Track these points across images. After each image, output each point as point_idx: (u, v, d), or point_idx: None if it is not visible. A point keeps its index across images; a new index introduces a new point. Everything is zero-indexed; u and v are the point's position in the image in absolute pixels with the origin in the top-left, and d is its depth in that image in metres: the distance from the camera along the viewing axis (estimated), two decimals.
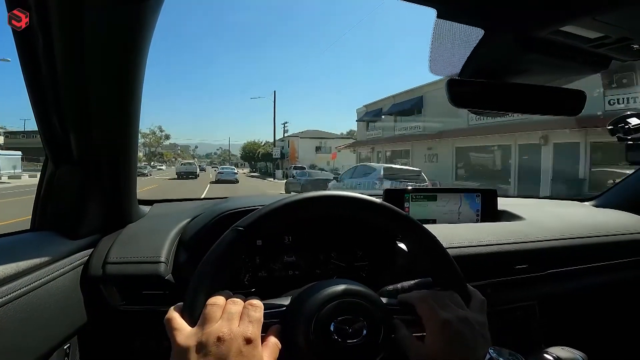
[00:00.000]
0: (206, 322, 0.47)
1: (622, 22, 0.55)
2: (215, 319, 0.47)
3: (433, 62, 0.70)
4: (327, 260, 0.99)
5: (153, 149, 68.97)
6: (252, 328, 0.47)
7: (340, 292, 0.54)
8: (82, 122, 0.78)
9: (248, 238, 0.52)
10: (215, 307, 0.48)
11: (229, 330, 0.46)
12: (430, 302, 0.56)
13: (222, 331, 0.45)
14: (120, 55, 0.73)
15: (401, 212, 0.60)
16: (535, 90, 0.72)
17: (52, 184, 0.83)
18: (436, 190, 1.28)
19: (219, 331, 0.45)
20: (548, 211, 1.35)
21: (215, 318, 0.47)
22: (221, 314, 0.48)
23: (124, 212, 0.96)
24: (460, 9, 0.60)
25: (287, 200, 0.56)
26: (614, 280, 1.19)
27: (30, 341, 0.63)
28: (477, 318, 0.56)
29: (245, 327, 0.47)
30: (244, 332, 0.46)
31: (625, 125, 1.29)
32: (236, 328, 0.46)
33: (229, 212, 0.91)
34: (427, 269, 0.61)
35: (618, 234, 1.21)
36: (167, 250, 0.86)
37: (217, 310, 0.48)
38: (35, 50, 0.69)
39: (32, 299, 0.64)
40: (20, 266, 0.63)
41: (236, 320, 0.47)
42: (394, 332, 0.55)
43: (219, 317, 0.47)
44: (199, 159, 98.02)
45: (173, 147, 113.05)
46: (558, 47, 0.62)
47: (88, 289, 0.79)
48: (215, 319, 0.47)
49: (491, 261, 1.00)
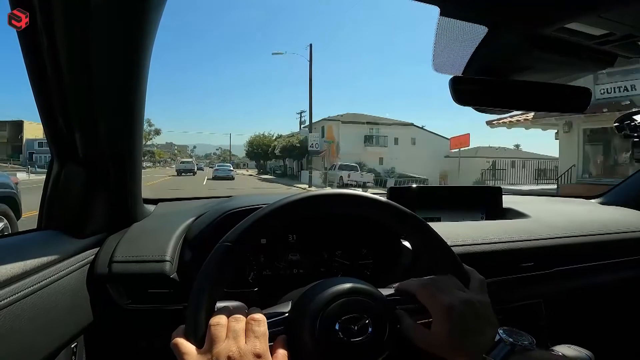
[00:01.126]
0: (213, 343, 0.47)
1: (626, 20, 0.54)
2: (222, 338, 0.47)
3: (437, 59, 0.70)
4: (332, 258, 0.99)
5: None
6: (260, 343, 0.47)
7: (344, 291, 0.54)
8: (87, 121, 0.78)
9: (246, 243, 0.53)
10: (219, 326, 0.48)
11: (237, 348, 0.46)
12: (430, 288, 0.56)
13: (231, 350, 0.46)
14: (125, 52, 0.74)
15: (406, 210, 0.60)
16: (541, 88, 0.72)
17: (58, 184, 0.84)
18: (441, 188, 1.27)
19: (228, 350, 0.46)
20: (553, 209, 1.35)
21: (221, 338, 0.47)
22: (226, 332, 0.48)
23: (129, 210, 0.97)
24: (464, 6, 0.59)
25: (291, 200, 0.56)
26: (621, 278, 1.18)
27: (37, 340, 0.64)
28: (479, 298, 0.56)
29: (252, 343, 0.47)
30: (252, 348, 0.46)
31: (631, 122, 1.28)
32: (244, 345, 0.47)
33: (233, 211, 0.92)
34: (432, 266, 0.61)
35: (625, 231, 1.20)
36: (172, 249, 0.86)
37: (221, 330, 0.48)
38: (40, 50, 0.69)
39: (39, 298, 0.64)
40: (27, 265, 0.63)
41: (242, 337, 0.48)
42: (399, 323, 0.55)
43: (225, 336, 0.48)
44: (197, 159, 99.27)
45: (170, 146, 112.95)
46: (563, 45, 0.62)
47: (94, 287, 0.80)
48: (221, 338, 0.47)
49: (497, 259, 0.99)
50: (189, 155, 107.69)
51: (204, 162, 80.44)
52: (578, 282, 1.11)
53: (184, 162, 37.58)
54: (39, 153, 42.03)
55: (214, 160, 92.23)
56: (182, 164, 36.02)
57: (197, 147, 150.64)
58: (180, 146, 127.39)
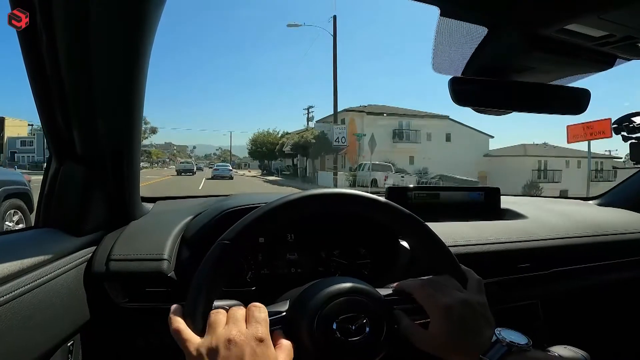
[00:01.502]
0: (214, 328, 0.47)
1: (626, 21, 0.54)
2: (222, 324, 0.48)
3: (436, 60, 0.70)
4: (330, 258, 0.99)
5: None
6: (261, 328, 0.48)
7: (342, 290, 0.54)
8: (86, 119, 0.78)
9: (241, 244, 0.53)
10: (220, 314, 0.49)
11: (238, 332, 0.46)
12: (428, 288, 0.56)
13: (231, 333, 0.46)
14: (124, 51, 0.74)
15: (405, 210, 0.60)
16: (540, 89, 0.72)
17: (56, 181, 0.83)
18: (439, 188, 1.27)
19: (229, 334, 0.46)
20: (551, 210, 1.35)
21: (221, 323, 0.48)
22: (226, 319, 0.48)
23: (127, 209, 0.97)
24: (464, 7, 0.59)
25: (291, 198, 0.56)
26: (618, 279, 1.18)
27: (33, 338, 0.64)
28: (477, 299, 0.56)
29: (254, 328, 0.47)
30: (254, 332, 0.47)
31: (629, 124, 1.29)
32: (245, 329, 0.47)
33: (232, 210, 0.92)
34: (429, 266, 0.61)
35: (622, 233, 1.20)
36: (170, 247, 0.86)
37: (222, 317, 0.49)
38: (39, 48, 0.69)
39: (35, 297, 0.64)
40: (24, 263, 0.63)
41: (243, 322, 0.48)
42: (396, 323, 0.55)
43: (225, 322, 0.48)
44: (197, 159, 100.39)
45: (169, 146, 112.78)
46: (562, 46, 0.62)
47: (91, 286, 0.80)
48: (221, 324, 0.48)
49: (494, 260, 1.00)
50: (189, 155, 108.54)
51: (204, 163, 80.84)
52: (575, 283, 1.12)
53: (184, 163, 38.88)
54: (22, 152, 40.54)
55: (214, 160, 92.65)
56: (182, 164, 37.24)
57: (198, 147, 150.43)
58: (179, 146, 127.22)
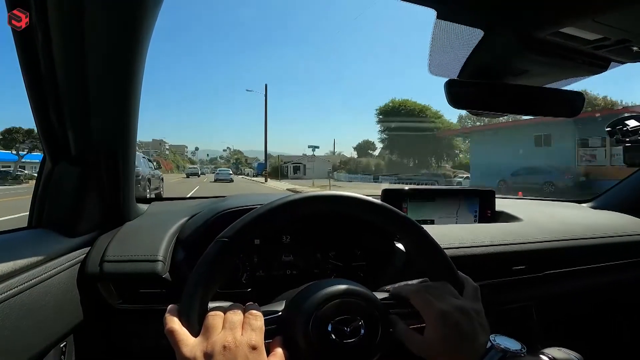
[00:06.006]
0: (210, 332, 0.47)
1: (621, 24, 0.55)
2: (218, 328, 0.48)
3: (432, 62, 0.70)
4: (325, 259, 0.99)
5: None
6: (256, 336, 0.48)
7: (337, 292, 0.54)
8: (80, 120, 0.78)
9: (237, 244, 0.53)
10: (217, 317, 0.49)
11: (233, 338, 0.46)
12: (424, 294, 0.56)
13: (227, 340, 0.46)
14: (120, 52, 0.73)
15: (400, 212, 0.60)
16: (535, 92, 0.72)
17: (50, 182, 0.83)
18: (434, 190, 1.28)
19: (224, 340, 0.46)
20: (546, 212, 1.36)
21: (217, 328, 0.48)
22: (223, 323, 0.49)
23: (121, 210, 0.96)
24: (460, 9, 0.60)
25: (289, 199, 0.56)
26: (611, 281, 1.19)
27: (26, 339, 0.63)
28: (473, 306, 0.56)
29: (248, 335, 0.48)
30: (248, 340, 0.47)
31: (623, 127, 1.29)
32: (240, 336, 0.47)
33: (227, 211, 0.91)
34: (425, 269, 0.61)
35: (615, 235, 1.21)
36: (165, 248, 0.85)
37: (219, 320, 0.49)
38: (34, 48, 0.68)
39: (28, 297, 0.63)
40: (17, 264, 0.63)
41: (239, 329, 0.48)
42: (392, 327, 0.55)
43: (221, 326, 0.48)
44: (202, 164, 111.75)
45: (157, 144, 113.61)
46: (557, 49, 0.63)
47: (85, 287, 0.79)
48: (218, 328, 0.48)
49: (488, 262, 1.00)
50: (187, 158, 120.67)
51: (209, 168, 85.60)
52: (569, 285, 1.12)
53: (191, 168, 55.00)
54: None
55: (220, 165, 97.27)
56: (190, 169, 51.57)
57: (203, 151, 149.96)
58: (174, 146, 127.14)
